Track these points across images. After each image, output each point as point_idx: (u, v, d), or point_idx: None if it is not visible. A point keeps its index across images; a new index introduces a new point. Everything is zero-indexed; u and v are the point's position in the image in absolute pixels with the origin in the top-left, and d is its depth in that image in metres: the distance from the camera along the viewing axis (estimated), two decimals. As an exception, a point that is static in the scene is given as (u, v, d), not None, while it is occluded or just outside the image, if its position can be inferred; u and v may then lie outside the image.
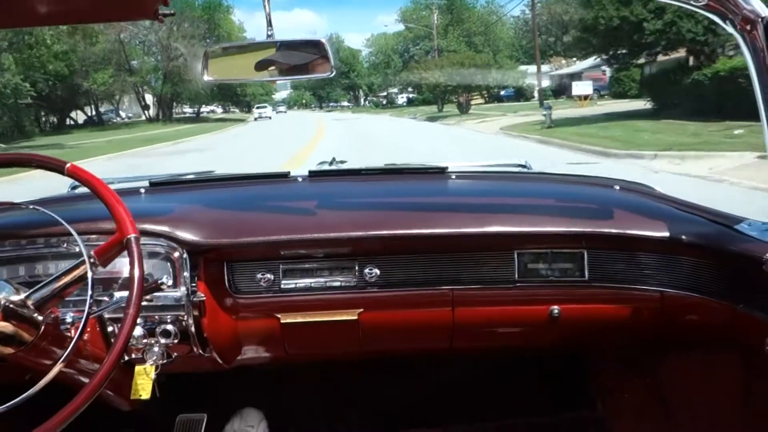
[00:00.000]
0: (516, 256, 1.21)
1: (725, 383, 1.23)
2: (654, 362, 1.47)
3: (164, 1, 0.98)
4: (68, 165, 0.99)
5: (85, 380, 1.15)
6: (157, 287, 1.05)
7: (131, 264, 0.92)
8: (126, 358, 1.16)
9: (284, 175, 1.44)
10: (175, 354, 1.20)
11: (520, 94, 38.86)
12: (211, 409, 1.65)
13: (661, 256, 1.17)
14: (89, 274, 0.92)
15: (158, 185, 1.41)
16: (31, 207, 1.08)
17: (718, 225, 1.15)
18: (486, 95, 31.44)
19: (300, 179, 1.42)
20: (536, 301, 1.23)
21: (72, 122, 37.38)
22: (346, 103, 72.46)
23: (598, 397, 1.69)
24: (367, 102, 68.52)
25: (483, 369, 1.79)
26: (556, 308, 1.23)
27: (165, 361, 1.18)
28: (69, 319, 1.01)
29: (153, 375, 1.15)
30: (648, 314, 1.21)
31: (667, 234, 1.14)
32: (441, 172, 1.43)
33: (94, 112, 39.48)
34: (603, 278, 1.21)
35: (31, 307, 0.94)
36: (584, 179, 1.45)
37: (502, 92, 36.61)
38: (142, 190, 1.39)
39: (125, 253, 0.95)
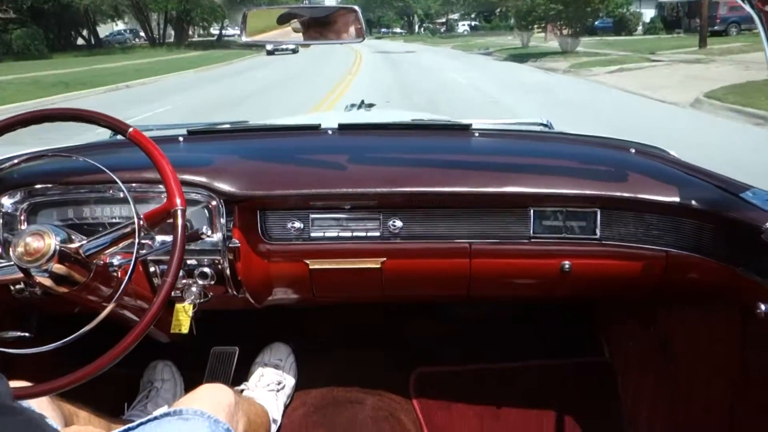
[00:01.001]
0: (532, 213, 1.59)
1: (724, 337, 1.62)
2: (658, 315, 1.88)
3: None
4: (131, 129, 1.38)
5: (130, 315, 1.62)
6: (197, 236, 1.45)
7: (174, 232, 1.30)
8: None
9: (315, 127, 1.84)
10: (211, 294, 1.64)
11: (621, 26, 37.65)
12: (243, 343, 2.16)
13: (668, 218, 1.54)
14: (137, 235, 1.31)
15: (195, 134, 1.84)
16: (82, 159, 1.46)
17: (723, 191, 1.50)
18: (578, 26, 29.84)
19: (330, 132, 1.82)
20: (549, 255, 1.62)
21: (66, 43, 38.70)
22: (398, 30, 72.13)
23: (605, 344, 2.18)
24: (422, 30, 67.89)
25: (498, 315, 2.29)
26: (567, 263, 1.62)
27: (202, 300, 1.62)
28: (116, 262, 1.44)
29: (191, 313, 1.59)
30: (654, 271, 1.58)
31: (675, 199, 1.50)
32: (465, 128, 1.81)
33: (92, 33, 40.69)
34: (613, 237, 1.58)
35: (83, 255, 1.35)
36: (602, 141, 1.79)
37: (597, 22, 35.48)
38: (181, 139, 1.82)
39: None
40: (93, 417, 1.58)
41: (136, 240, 1.32)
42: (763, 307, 1.25)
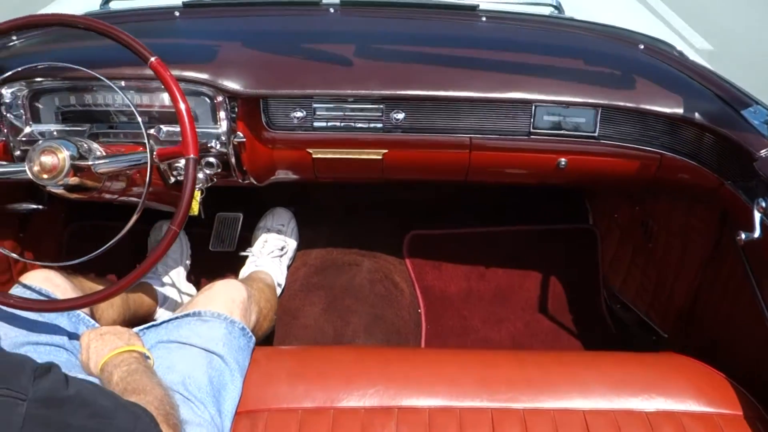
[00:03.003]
0: (533, 109, 1.59)
1: (701, 230, 1.74)
2: (645, 197, 1.99)
3: None
4: (153, 59, 1.34)
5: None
6: (206, 149, 1.49)
7: (185, 181, 1.33)
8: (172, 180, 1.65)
9: (316, 2, 1.76)
10: (216, 179, 1.69)
11: None
12: (246, 207, 2.26)
13: (667, 123, 1.55)
14: (149, 166, 1.35)
15: (191, 6, 1.75)
16: (84, 69, 1.41)
17: (725, 104, 1.50)
18: None
19: (332, 10, 1.74)
20: (546, 151, 1.66)
21: None
22: None
23: (590, 212, 2.35)
24: None
25: (493, 186, 2.36)
26: (563, 160, 1.66)
27: (208, 185, 1.67)
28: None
29: (199, 198, 1.65)
30: (647, 170, 1.64)
31: (676, 110, 1.51)
32: (472, 9, 1.73)
33: None
34: (611, 135, 1.61)
35: (95, 172, 1.41)
36: (612, 32, 1.73)
37: None
38: (177, 14, 1.73)
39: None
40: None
41: (149, 170, 1.36)
42: (743, 235, 1.33)
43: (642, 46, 1.66)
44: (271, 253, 2.10)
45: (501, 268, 2.28)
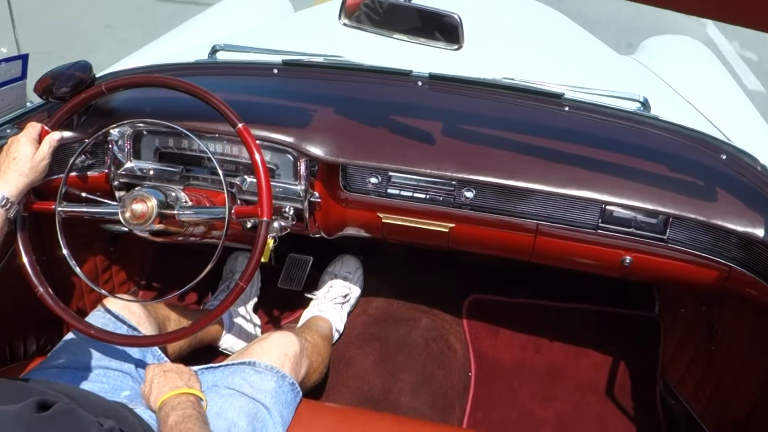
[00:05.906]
0: (604, 206, 1.60)
1: (766, 345, 1.68)
2: (713, 299, 1.94)
3: None
4: (240, 125, 1.45)
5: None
6: (280, 209, 1.63)
7: (256, 241, 1.44)
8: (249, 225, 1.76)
9: (406, 74, 1.82)
10: (290, 229, 1.78)
11: None
12: (317, 253, 2.35)
13: (740, 238, 1.53)
14: (226, 222, 1.46)
15: (290, 65, 1.86)
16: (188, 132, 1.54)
17: None
18: None
19: (420, 83, 1.80)
20: (612, 247, 1.65)
21: None
22: None
23: (657, 301, 2.30)
24: None
25: None
26: (628, 258, 1.65)
27: (281, 234, 1.77)
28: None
29: (272, 246, 1.74)
30: (713, 279, 1.61)
31: (747, 230, 1.48)
32: (557, 97, 1.75)
33: None
34: (681, 240, 1.59)
35: (179, 220, 1.54)
36: (695, 137, 1.69)
37: None
38: (275, 70, 1.85)
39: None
40: (182, 319, 1.82)
41: (226, 225, 1.48)
42: None
43: (724, 156, 1.63)
44: (334, 299, 2.17)
45: (558, 343, 2.27)
